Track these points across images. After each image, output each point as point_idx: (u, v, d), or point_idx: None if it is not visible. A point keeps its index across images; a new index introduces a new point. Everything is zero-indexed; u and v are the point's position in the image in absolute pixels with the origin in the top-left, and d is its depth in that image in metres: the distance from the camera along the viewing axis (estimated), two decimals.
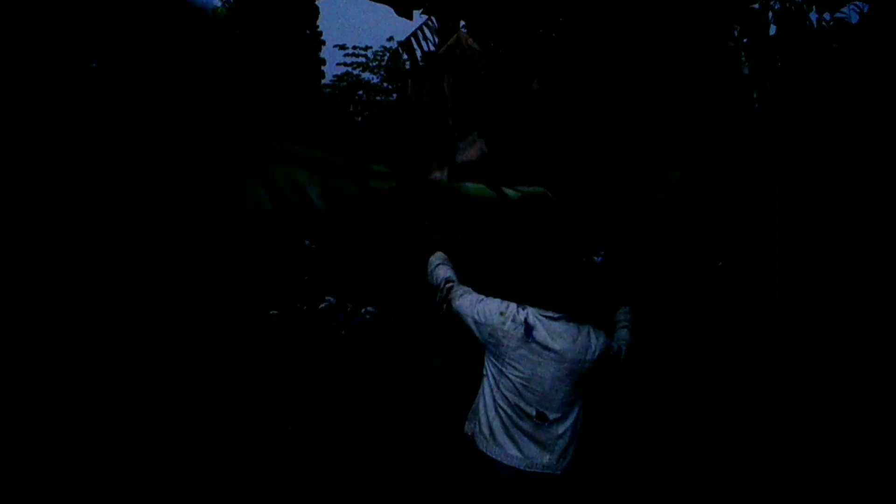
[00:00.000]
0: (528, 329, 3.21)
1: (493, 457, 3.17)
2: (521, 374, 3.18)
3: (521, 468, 3.13)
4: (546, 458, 3.14)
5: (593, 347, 3.28)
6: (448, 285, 3.45)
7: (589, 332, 3.32)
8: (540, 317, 3.26)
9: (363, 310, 7.72)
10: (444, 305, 3.42)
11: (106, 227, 4.57)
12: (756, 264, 4.17)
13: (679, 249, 4.24)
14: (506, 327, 3.23)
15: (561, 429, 3.17)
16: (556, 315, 3.28)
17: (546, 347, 3.19)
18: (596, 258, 4.58)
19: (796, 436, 3.86)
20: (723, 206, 4.24)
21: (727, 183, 4.24)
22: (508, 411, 3.17)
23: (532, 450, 3.14)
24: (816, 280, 4.04)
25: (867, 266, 3.98)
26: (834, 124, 4.10)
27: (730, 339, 4.12)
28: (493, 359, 3.27)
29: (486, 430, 3.20)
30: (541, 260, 3.61)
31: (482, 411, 3.24)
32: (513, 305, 3.30)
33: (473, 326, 3.31)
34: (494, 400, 3.21)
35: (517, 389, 3.17)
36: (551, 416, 3.15)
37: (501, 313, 3.27)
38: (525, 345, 3.19)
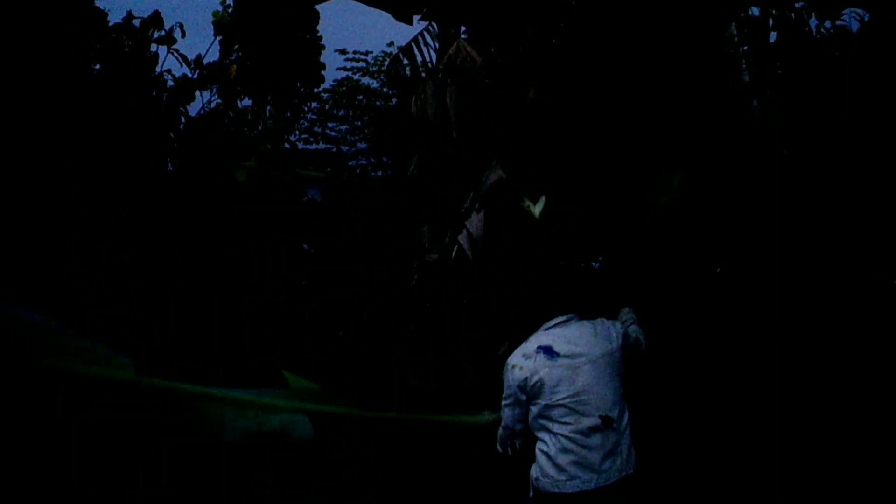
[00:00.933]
0: (548, 350, 3.17)
1: (572, 491, 3.08)
2: (568, 393, 3.12)
3: (604, 484, 3.07)
4: (619, 461, 3.11)
5: (614, 334, 3.29)
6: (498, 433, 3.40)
7: (603, 322, 3.32)
8: (549, 331, 3.24)
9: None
10: (508, 438, 3.36)
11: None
12: (755, 270, 4.18)
13: (678, 255, 4.24)
14: (526, 369, 3.17)
15: (622, 425, 3.15)
16: (563, 319, 3.27)
17: (573, 355, 3.16)
18: (594, 264, 4.58)
19: (797, 441, 3.86)
20: (722, 212, 4.24)
21: (727, 189, 4.24)
22: (574, 437, 3.10)
23: (606, 462, 3.09)
24: (816, 286, 4.04)
25: (867, 272, 3.98)
26: (835, 131, 4.10)
27: (729, 345, 4.11)
28: (538, 403, 3.17)
29: (553, 472, 3.11)
30: (536, 270, 3.59)
31: (546, 462, 3.14)
32: (514, 355, 3.27)
33: (518, 405, 3.23)
34: (556, 439, 3.12)
35: (572, 409, 3.11)
36: (613, 414, 3.13)
37: (513, 367, 3.22)
38: (555, 365, 3.15)
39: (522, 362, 3.20)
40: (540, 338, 3.24)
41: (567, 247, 4.20)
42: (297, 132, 13.62)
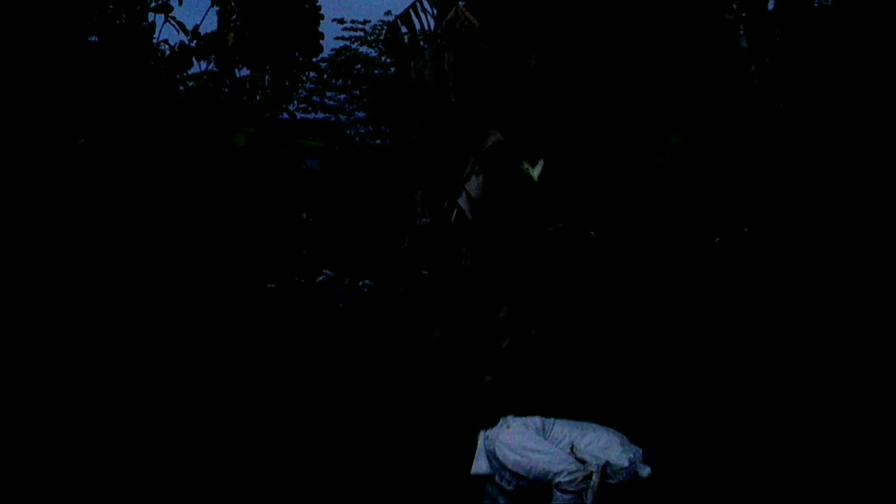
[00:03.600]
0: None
1: None
2: None
3: None
4: None
5: None
6: None
7: None
8: None
9: (361, 283, 7.77)
10: None
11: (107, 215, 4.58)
12: (755, 239, 4.19)
13: (677, 223, 4.25)
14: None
15: None
16: None
17: None
18: (591, 233, 4.61)
19: (793, 416, 3.85)
20: (721, 179, 4.25)
21: (725, 156, 4.25)
22: None
23: None
24: (818, 256, 4.05)
25: (872, 238, 3.97)
26: (834, 98, 4.10)
27: (727, 318, 4.13)
28: None
29: None
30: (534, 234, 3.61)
31: None
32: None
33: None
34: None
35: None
36: None
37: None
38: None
39: None
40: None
41: (565, 209, 4.23)
42: (296, 101, 13.58)
